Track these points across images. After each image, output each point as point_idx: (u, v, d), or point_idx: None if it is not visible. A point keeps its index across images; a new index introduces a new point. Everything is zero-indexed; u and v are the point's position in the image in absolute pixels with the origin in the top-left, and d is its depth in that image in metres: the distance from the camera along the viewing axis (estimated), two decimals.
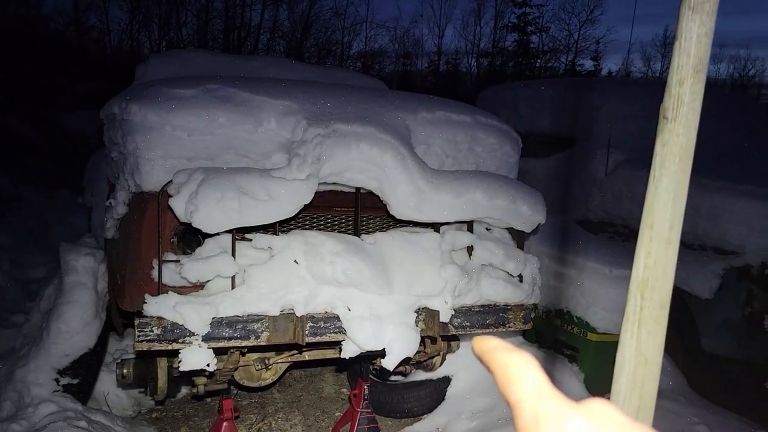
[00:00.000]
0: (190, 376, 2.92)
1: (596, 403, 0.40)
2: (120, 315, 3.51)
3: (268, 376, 3.22)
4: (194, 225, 2.31)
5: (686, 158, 0.56)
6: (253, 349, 2.88)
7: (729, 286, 4.00)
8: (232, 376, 3.06)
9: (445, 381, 3.92)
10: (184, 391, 4.04)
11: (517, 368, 0.43)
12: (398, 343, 2.61)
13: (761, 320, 3.93)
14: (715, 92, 6.72)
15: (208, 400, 3.93)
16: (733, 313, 4.01)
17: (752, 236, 4.00)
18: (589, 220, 5.18)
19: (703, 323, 4.06)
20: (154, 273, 2.44)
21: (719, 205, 4.16)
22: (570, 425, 0.37)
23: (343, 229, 2.83)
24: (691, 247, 4.26)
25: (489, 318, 2.90)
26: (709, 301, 4.00)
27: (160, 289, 2.40)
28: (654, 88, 6.19)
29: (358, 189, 2.72)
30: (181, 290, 2.43)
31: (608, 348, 3.61)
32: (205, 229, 2.32)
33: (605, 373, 3.57)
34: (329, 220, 2.82)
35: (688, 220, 4.11)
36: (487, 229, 3.02)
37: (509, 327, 2.97)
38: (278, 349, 3.02)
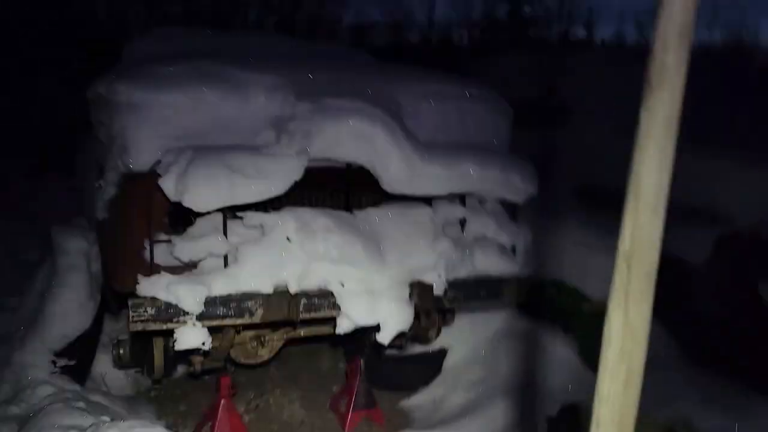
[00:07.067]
0: (187, 354, 2.93)
1: None
2: (113, 296, 3.51)
3: (265, 353, 3.23)
4: (185, 204, 2.30)
5: (672, 127, 0.55)
6: (248, 327, 2.89)
7: (722, 252, 4.01)
8: (229, 353, 3.07)
9: (441, 353, 3.94)
10: (182, 369, 4.06)
11: None
12: (393, 318, 2.62)
13: (754, 286, 3.95)
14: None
15: (206, 378, 3.94)
16: (726, 279, 4.03)
17: (744, 203, 4.01)
18: (582, 190, 5.18)
19: (695, 289, 4.08)
20: (146, 253, 2.44)
21: (711, 172, 4.16)
22: None
23: (334, 205, 2.82)
24: (682, 213, 4.26)
25: (482, 290, 2.91)
26: (702, 266, 4.01)
27: (152, 269, 2.40)
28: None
29: (348, 164, 2.70)
30: (173, 270, 2.43)
31: (601, 317, 3.62)
32: (196, 208, 2.32)
33: (598, 342, 3.59)
34: (321, 197, 2.81)
35: (679, 186, 4.10)
36: (479, 201, 3.01)
37: (503, 299, 2.99)
38: (273, 326, 3.03)
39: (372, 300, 2.59)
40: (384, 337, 2.64)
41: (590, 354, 3.66)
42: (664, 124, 0.55)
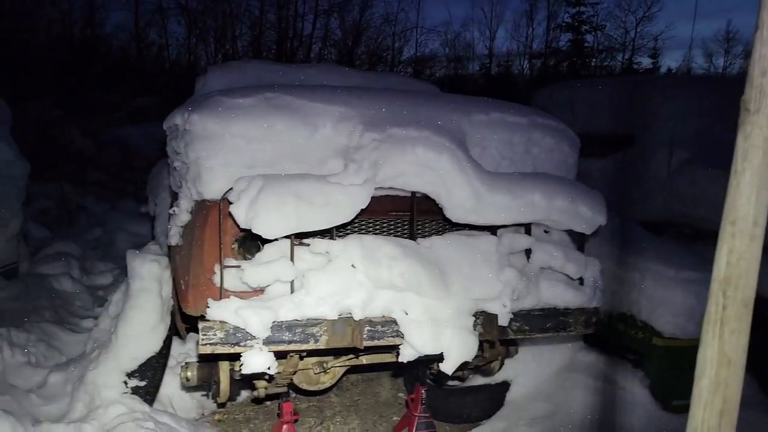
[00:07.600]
0: (251, 379, 2.97)
1: None
2: (183, 319, 3.62)
3: (327, 380, 3.25)
4: (254, 231, 2.36)
5: None
6: (311, 353, 2.91)
7: None
8: (291, 379, 3.10)
9: (504, 386, 3.86)
10: (245, 394, 4.12)
11: None
12: (456, 347, 2.59)
13: None
14: None
15: (268, 403, 3.99)
16: None
17: None
18: (651, 221, 5.03)
19: None
20: (216, 278, 2.50)
21: None
22: None
23: (399, 233, 2.83)
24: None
25: (549, 322, 2.84)
26: None
27: (222, 293, 2.46)
28: (718, 84, 5.98)
29: (413, 193, 2.71)
30: (242, 295, 2.48)
31: (674, 353, 3.48)
32: (265, 235, 2.37)
33: (671, 379, 3.45)
34: (385, 224, 2.83)
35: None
36: (545, 231, 2.97)
37: (570, 331, 2.91)
38: (336, 353, 3.04)
39: (436, 329, 2.57)
40: (447, 367, 2.61)
41: (662, 389, 3.51)
42: (762, 149, 0.54)
